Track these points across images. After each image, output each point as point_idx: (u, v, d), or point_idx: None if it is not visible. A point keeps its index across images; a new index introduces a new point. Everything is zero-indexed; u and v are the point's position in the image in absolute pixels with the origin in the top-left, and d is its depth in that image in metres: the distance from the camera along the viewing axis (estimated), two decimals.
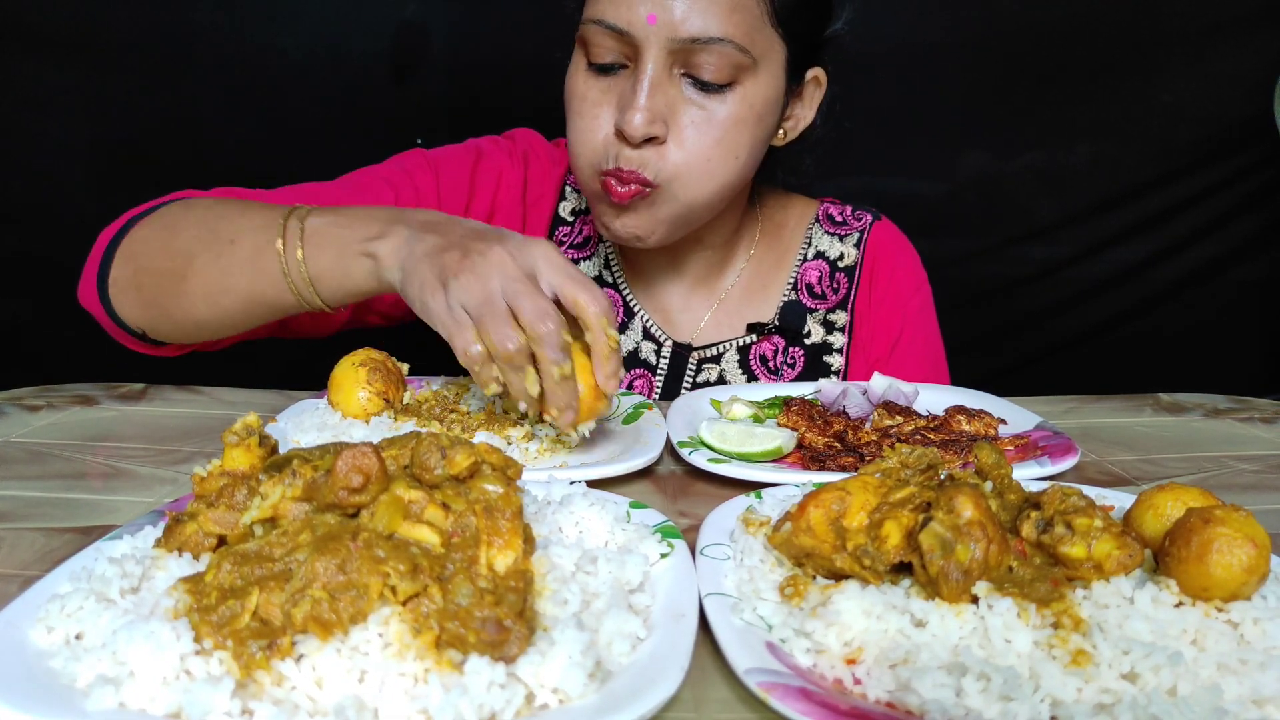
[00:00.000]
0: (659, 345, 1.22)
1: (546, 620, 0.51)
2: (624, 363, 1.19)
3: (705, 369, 1.22)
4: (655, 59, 0.97)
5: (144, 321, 0.99)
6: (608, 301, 0.81)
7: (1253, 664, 0.49)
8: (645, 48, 0.97)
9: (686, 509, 0.78)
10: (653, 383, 1.22)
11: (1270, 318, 2.16)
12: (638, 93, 0.97)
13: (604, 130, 1.01)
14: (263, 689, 0.46)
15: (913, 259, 1.29)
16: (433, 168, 1.18)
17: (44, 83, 1.73)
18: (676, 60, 0.98)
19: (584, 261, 1.25)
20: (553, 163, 1.26)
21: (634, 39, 0.97)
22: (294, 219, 0.90)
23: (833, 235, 1.27)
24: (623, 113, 0.98)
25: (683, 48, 0.97)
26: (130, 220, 1.00)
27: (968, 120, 1.98)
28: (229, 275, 0.92)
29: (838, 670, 0.51)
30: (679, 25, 0.95)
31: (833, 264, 1.26)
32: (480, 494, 0.54)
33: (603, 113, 1.02)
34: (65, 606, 0.50)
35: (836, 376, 1.23)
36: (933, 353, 1.28)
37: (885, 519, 0.57)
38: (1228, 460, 0.94)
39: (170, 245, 0.95)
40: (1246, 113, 1.94)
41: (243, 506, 0.55)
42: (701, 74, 0.98)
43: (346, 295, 0.91)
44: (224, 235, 0.93)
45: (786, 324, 1.22)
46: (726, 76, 0.99)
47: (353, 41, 1.79)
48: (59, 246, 1.79)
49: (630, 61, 1.00)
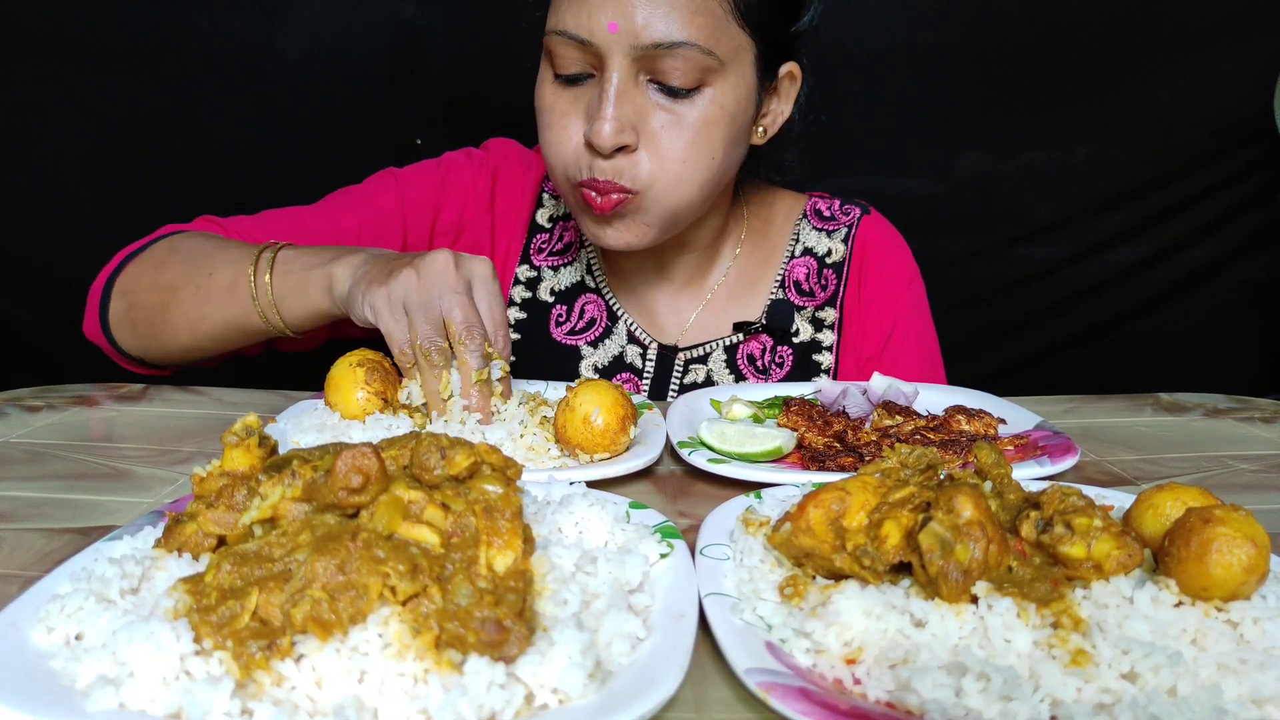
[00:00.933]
0: (644, 348, 1.22)
1: (546, 620, 0.51)
2: (610, 367, 1.22)
3: (692, 370, 1.22)
4: (620, 67, 0.97)
5: (138, 349, 1.10)
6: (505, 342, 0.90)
7: (1252, 664, 0.49)
8: (609, 56, 0.97)
9: (686, 509, 0.78)
10: (639, 386, 1.22)
11: (1270, 318, 2.16)
12: (604, 103, 0.97)
13: (574, 141, 1.01)
14: (262, 689, 0.46)
15: (904, 253, 1.28)
16: (399, 187, 1.21)
17: (44, 83, 1.73)
18: (641, 67, 0.98)
19: (566, 267, 1.25)
20: (526, 169, 1.26)
21: (597, 48, 0.97)
22: (269, 250, 1.00)
23: (820, 231, 1.26)
24: (591, 124, 0.98)
25: (646, 54, 0.96)
26: (125, 258, 1.10)
27: (966, 120, 1.98)
28: (206, 304, 1.02)
29: (837, 670, 0.51)
30: (641, 32, 0.95)
31: (821, 260, 1.25)
32: (480, 494, 0.54)
33: (571, 123, 1.02)
34: (65, 607, 0.50)
35: (826, 375, 1.22)
36: (927, 349, 1.27)
37: (885, 519, 0.57)
38: (1227, 460, 0.94)
39: (157, 281, 1.06)
40: (1246, 113, 1.94)
41: (242, 507, 0.55)
42: (669, 79, 0.98)
43: (306, 314, 0.99)
44: (204, 270, 1.03)
45: (774, 323, 1.21)
46: (694, 80, 0.98)
47: (352, 41, 1.79)
48: (59, 246, 1.80)
49: (596, 70, 1.00)
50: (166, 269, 1.05)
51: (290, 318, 1.00)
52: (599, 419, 0.83)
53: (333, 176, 1.24)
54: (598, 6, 0.95)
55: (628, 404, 0.85)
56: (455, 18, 1.81)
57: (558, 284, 1.24)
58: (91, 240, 1.12)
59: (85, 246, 1.76)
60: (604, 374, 1.22)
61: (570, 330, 1.23)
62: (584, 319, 1.23)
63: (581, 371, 1.22)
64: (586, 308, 1.23)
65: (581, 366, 1.22)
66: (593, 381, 0.86)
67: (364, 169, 1.25)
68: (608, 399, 0.84)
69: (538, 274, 1.25)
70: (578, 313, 1.23)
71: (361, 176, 1.23)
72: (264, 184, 1.11)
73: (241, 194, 1.24)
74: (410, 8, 1.80)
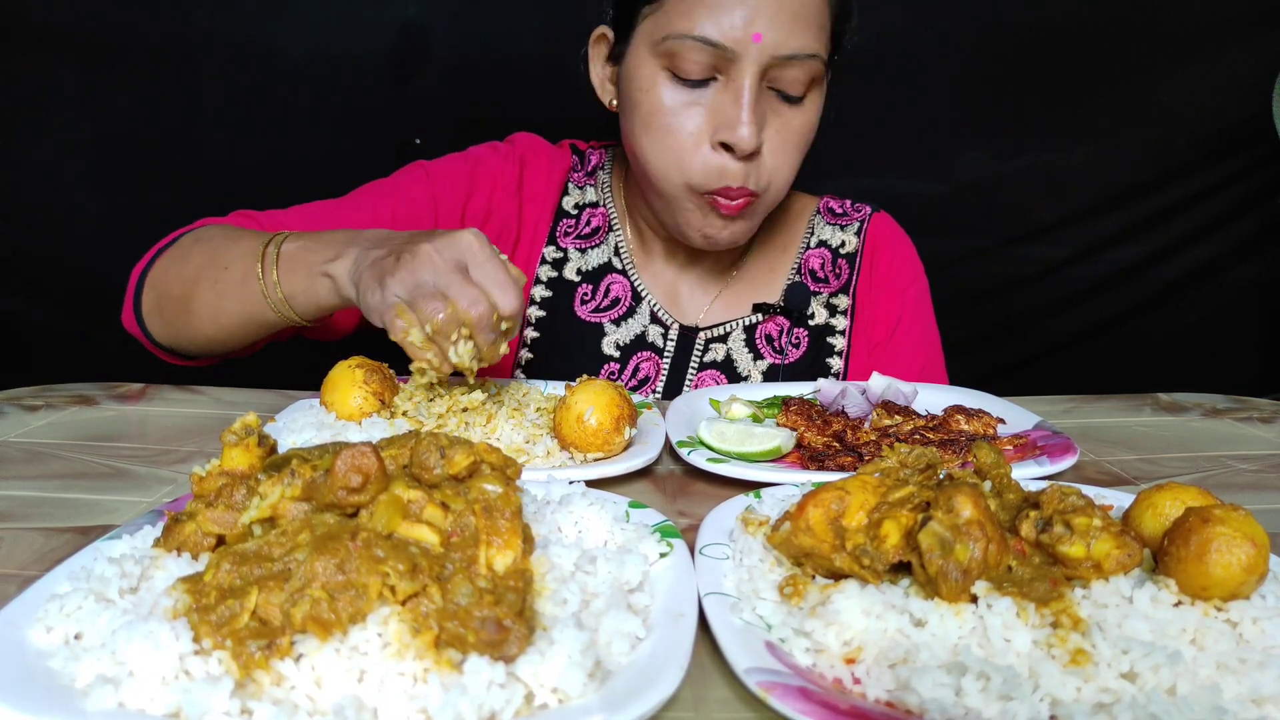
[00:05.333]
0: (665, 328, 1.25)
1: (546, 620, 0.51)
2: (631, 345, 1.25)
3: (712, 349, 1.26)
4: (753, 74, 1.01)
5: (169, 340, 1.09)
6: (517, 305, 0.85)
7: (1251, 663, 0.49)
8: (744, 63, 1.01)
9: (685, 509, 0.78)
10: (660, 364, 1.25)
11: (1270, 318, 2.16)
12: (742, 108, 1.02)
13: (699, 142, 1.05)
14: (262, 689, 0.45)
15: (910, 249, 1.34)
16: (429, 179, 1.23)
17: (44, 82, 1.73)
18: (767, 74, 1.02)
19: (593, 249, 1.28)
20: (552, 160, 1.31)
21: (734, 54, 1.00)
22: (272, 245, 0.98)
23: (834, 225, 1.32)
24: (732, 129, 1.02)
25: (776, 63, 1.01)
26: (159, 251, 1.09)
27: (967, 120, 1.98)
28: (224, 298, 1.01)
29: (837, 670, 0.51)
30: (781, 43, 1.00)
31: (834, 251, 1.31)
32: (479, 493, 0.54)
33: (694, 126, 1.05)
34: (64, 606, 0.50)
35: (839, 358, 1.27)
36: (929, 340, 1.32)
37: (884, 518, 0.57)
38: (1227, 460, 0.94)
39: (181, 274, 1.04)
40: (1246, 113, 1.94)
41: (242, 506, 0.55)
42: (788, 87, 1.04)
43: (318, 311, 0.98)
44: (220, 263, 1.01)
45: (791, 304, 1.26)
46: (806, 88, 1.06)
47: (353, 41, 1.79)
48: (59, 245, 1.80)
49: (720, 75, 1.03)
50: (188, 261, 1.04)
51: (304, 313, 0.99)
52: (593, 418, 0.83)
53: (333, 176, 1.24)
54: (741, 15, 0.99)
55: (625, 404, 0.86)
56: (456, 18, 1.81)
57: (584, 264, 1.27)
58: (92, 240, 1.12)
59: (85, 246, 1.76)
60: (625, 351, 1.25)
61: (595, 308, 1.25)
62: (609, 297, 1.26)
63: (603, 349, 1.25)
64: (612, 287, 1.26)
65: (604, 343, 1.25)
66: (592, 381, 0.86)
67: (364, 169, 1.25)
68: (603, 399, 0.84)
69: (564, 255, 1.28)
70: (603, 291, 1.26)
71: (362, 177, 1.24)
72: (264, 183, 1.11)
73: (242, 193, 1.24)
74: (411, 8, 1.80)
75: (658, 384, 1.24)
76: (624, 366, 1.24)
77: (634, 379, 1.24)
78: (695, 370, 1.25)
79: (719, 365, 1.25)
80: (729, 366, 1.25)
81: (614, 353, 1.24)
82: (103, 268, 1.23)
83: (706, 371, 1.25)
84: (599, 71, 1.17)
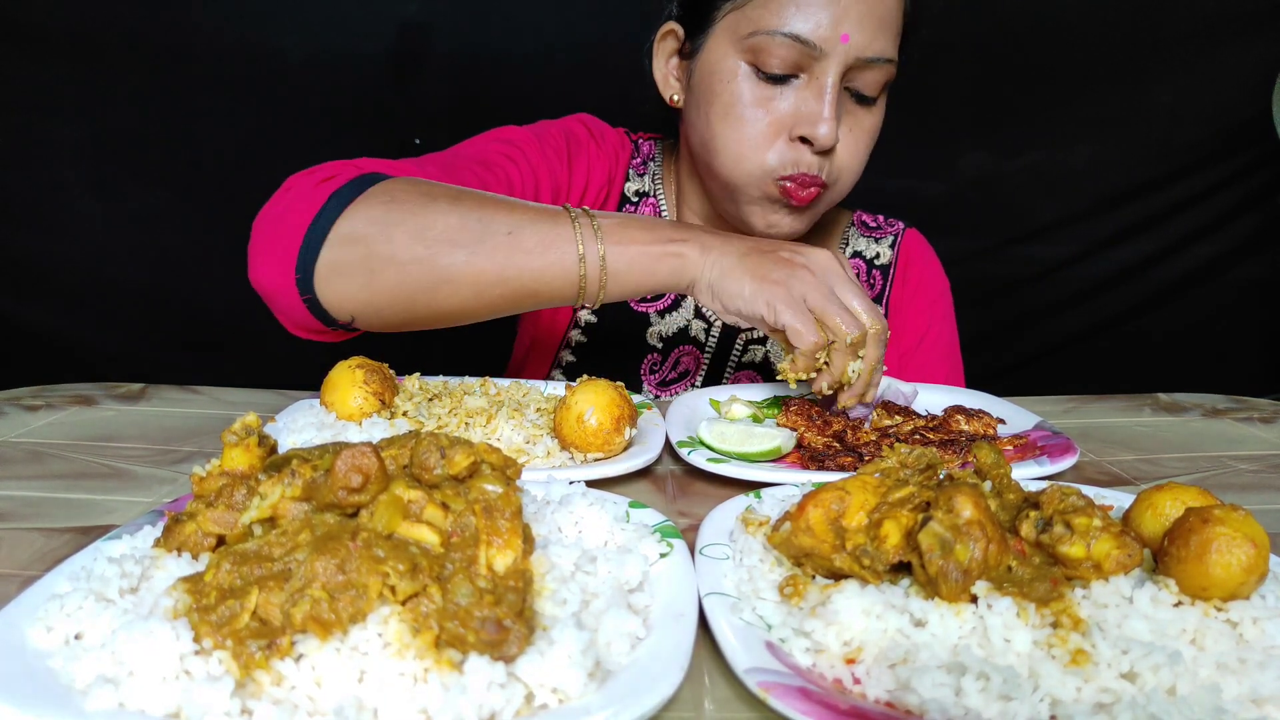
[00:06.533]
0: (709, 325, 1.27)
1: (546, 620, 0.51)
2: (674, 337, 1.27)
3: (751, 350, 1.28)
4: (836, 73, 1.03)
5: (359, 306, 0.93)
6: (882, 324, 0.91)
7: (1251, 663, 0.49)
8: (829, 62, 1.03)
9: (686, 509, 0.78)
10: (700, 359, 1.28)
11: (1270, 318, 2.16)
12: (825, 104, 1.03)
13: (778, 136, 1.07)
14: (262, 689, 0.46)
15: (938, 265, 1.38)
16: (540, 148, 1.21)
17: (44, 82, 1.73)
18: (847, 74, 1.05)
19: None
20: (618, 146, 1.32)
21: (820, 53, 1.02)
22: (584, 217, 0.92)
23: (868, 237, 1.35)
24: (813, 124, 1.04)
25: (858, 64, 1.04)
26: (331, 197, 0.92)
27: (968, 120, 1.98)
28: (508, 267, 0.90)
29: (837, 670, 0.51)
30: (867, 46, 1.03)
31: (869, 262, 1.33)
32: (479, 493, 0.54)
33: (773, 120, 1.06)
34: (64, 606, 0.50)
35: None
36: (952, 352, 1.36)
37: (884, 519, 0.57)
38: (1226, 460, 0.94)
39: (425, 233, 0.90)
40: (1246, 113, 1.94)
41: (242, 506, 0.55)
42: (864, 88, 1.07)
43: (636, 290, 0.93)
44: (496, 228, 0.90)
45: None
46: (879, 90, 1.08)
47: (353, 41, 1.79)
48: (59, 245, 1.80)
49: (802, 72, 1.05)
50: (434, 219, 0.90)
51: (615, 291, 0.92)
52: (593, 418, 0.84)
53: None
54: (830, 15, 1.01)
55: (625, 405, 0.86)
56: (456, 18, 1.81)
57: None
58: (92, 240, 1.11)
59: (86, 246, 1.76)
60: (668, 344, 1.27)
61: (642, 298, 1.25)
62: None
63: (647, 339, 1.26)
64: None
65: (648, 333, 1.27)
66: (592, 381, 0.86)
67: None
68: (603, 399, 0.84)
69: None
70: None
71: None
72: (264, 182, 1.10)
73: (242, 193, 1.23)
74: (412, 8, 1.80)
75: (697, 378, 1.27)
76: (665, 358, 1.26)
77: (674, 371, 1.26)
78: (733, 370, 1.28)
79: (755, 366, 1.28)
80: (766, 369, 1.28)
81: (657, 344, 1.27)
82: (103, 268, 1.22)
83: (744, 371, 1.28)
84: (663, 67, 1.18)
